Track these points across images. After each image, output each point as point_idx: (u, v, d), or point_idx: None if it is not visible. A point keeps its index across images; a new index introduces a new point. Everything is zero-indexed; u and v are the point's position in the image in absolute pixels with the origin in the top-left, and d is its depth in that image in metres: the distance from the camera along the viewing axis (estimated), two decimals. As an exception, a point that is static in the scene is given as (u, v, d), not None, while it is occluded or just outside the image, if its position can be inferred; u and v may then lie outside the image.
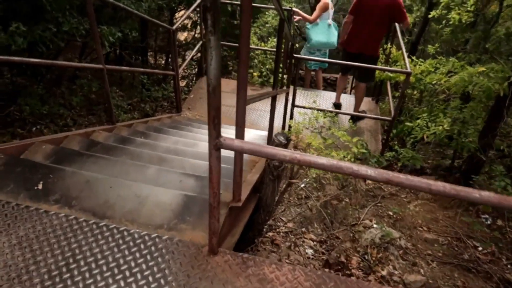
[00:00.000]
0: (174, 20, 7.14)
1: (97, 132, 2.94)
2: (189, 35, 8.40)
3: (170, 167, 2.38)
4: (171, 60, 5.66)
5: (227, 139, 1.17)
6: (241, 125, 1.47)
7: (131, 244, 1.50)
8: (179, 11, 7.29)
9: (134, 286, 1.34)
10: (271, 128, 2.70)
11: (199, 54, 6.25)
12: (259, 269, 1.44)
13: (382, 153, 4.28)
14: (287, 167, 2.70)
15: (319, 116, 3.95)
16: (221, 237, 1.58)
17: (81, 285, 1.32)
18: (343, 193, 3.49)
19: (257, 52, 6.40)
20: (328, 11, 5.72)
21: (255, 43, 6.54)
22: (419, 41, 6.75)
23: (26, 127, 4.17)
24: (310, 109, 4.18)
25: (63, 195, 1.76)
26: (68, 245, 1.47)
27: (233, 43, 6.49)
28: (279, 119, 4.35)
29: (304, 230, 3.06)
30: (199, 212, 1.71)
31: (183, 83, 7.94)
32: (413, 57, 5.04)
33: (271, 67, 6.32)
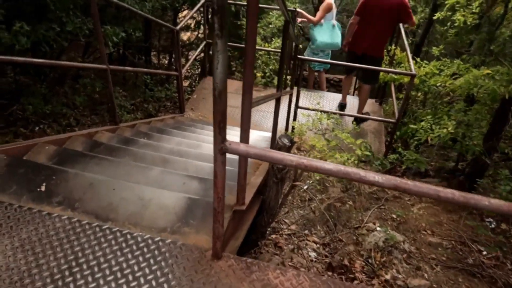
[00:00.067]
0: (177, 20, 7.14)
1: (100, 132, 2.94)
2: (192, 35, 8.39)
3: (173, 169, 2.37)
4: (175, 60, 5.66)
5: (232, 144, 1.16)
6: (246, 128, 1.45)
7: (134, 247, 1.49)
8: (183, 11, 7.28)
9: (137, 290, 1.33)
10: (275, 130, 2.69)
11: (202, 54, 6.23)
12: (263, 274, 1.42)
13: (385, 155, 4.26)
14: (291, 170, 2.69)
15: (323, 117, 3.93)
16: (224, 241, 1.57)
17: (83, 289, 1.31)
18: (347, 196, 3.47)
19: (260, 52, 6.39)
20: (331, 12, 5.70)
21: (258, 43, 6.52)
22: (423, 42, 6.72)
23: (29, 127, 4.16)
24: (314, 110, 4.16)
25: (66, 197, 1.75)
26: (70, 248, 1.46)
27: (236, 44, 6.47)
28: (282, 120, 4.33)
29: (307, 232, 3.04)
30: (203, 215, 1.70)
31: (186, 83, 7.94)
32: (417, 58, 5.02)
33: (275, 68, 6.30)
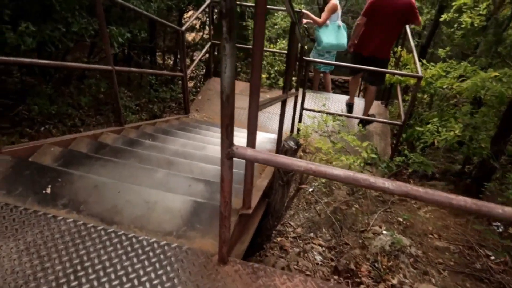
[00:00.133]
0: (182, 20, 7.13)
1: (105, 134, 2.93)
2: (197, 36, 8.39)
3: (178, 171, 2.36)
4: (180, 61, 5.65)
5: (240, 148, 1.14)
6: (253, 131, 1.44)
7: (140, 251, 1.48)
8: (188, 12, 7.28)
9: (142, 295, 1.31)
10: (281, 131, 2.66)
11: (207, 55, 6.23)
12: (270, 280, 1.41)
13: (391, 157, 4.22)
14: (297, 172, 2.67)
15: (328, 119, 3.90)
16: (231, 245, 1.55)
17: (89, 294, 1.30)
18: (353, 199, 3.45)
19: (265, 54, 6.37)
20: (337, 12, 5.67)
21: (264, 45, 6.49)
22: (429, 44, 6.68)
23: (34, 127, 4.17)
24: (319, 112, 4.13)
25: (71, 200, 1.74)
26: (76, 252, 1.45)
27: (241, 45, 6.45)
28: (287, 121, 4.30)
29: (312, 235, 3.02)
30: (209, 219, 1.68)
31: (191, 84, 7.93)
32: (423, 60, 4.98)
33: (280, 69, 6.28)
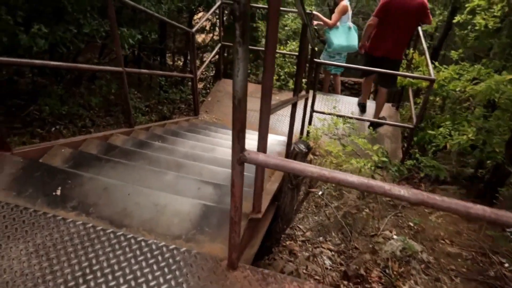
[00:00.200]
0: (193, 22, 7.15)
1: (115, 135, 2.93)
2: (207, 37, 8.40)
3: (188, 174, 2.35)
4: (190, 62, 5.66)
5: (251, 153, 1.12)
6: (264, 136, 1.42)
7: (148, 255, 1.47)
8: (198, 13, 7.29)
9: (151, 301, 1.30)
10: (291, 134, 2.64)
11: (217, 56, 6.23)
12: (280, 287, 1.38)
13: (402, 161, 4.16)
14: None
15: (339, 122, 3.86)
16: (240, 250, 1.53)
17: (97, 298, 1.29)
18: (363, 203, 3.41)
19: (275, 55, 6.33)
20: (347, 14, 5.63)
21: (276, 47, 6.46)
22: (441, 46, 6.59)
23: (45, 127, 4.20)
24: (329, 114, 4.09)
25: (81, 202, 1.73)
26: (85, 255, 1.45)
27: (251, 46, 6.44)
28: (297, 124, 4.27)
29: (321, 239, 2.99)
30: (218, 223, 1.66)
31: (201, 85, 7.94)
32: (435, 62, 4.91)
33: (289, 70, 6.25)
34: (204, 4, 6.43)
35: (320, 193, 3.45)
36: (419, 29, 4.68)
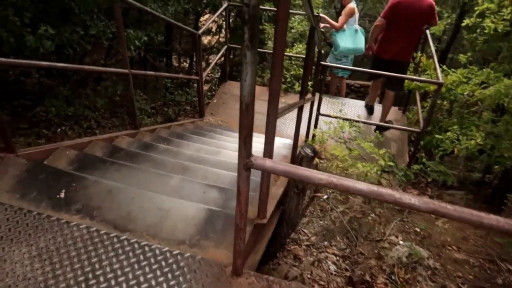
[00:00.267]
0: (199, 23, 7.14)
1: (120, 137, 2.93)
2: (213, 39, 8.40)
3: (193, 177, 2.33)
4: (196, 64, 5.65)
5: (258, 159, 1.10)
6: (271, 141, 1.39)
7: (152, 260, 1.45)
8: (204, 15, 7.30)
9: (154, 307, 1.28)
10: (297, 137, 2.61)
11: (222, 58, 6.22)
12: (285, 294, 1.36)
13: (409, 165, 4.12)
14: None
15: (345, 125, 3.83)
16: (245, 256, 1.51)
17: (100, 304, 1.28)
18: (369, 208, 3.37)
19: (282, 58, 6.31)
20: (354, 16, 5.59)
21: (284, 50, 6.44)
22: (449, 49, 6.53)
23: (51, 128, 4.21)
24: (336, 118, 4.06)
25: (85, 205, 1.72)
26: (88, 259, 1.43)
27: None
28: (303, 127, 4.24)
29: (326, 244, 2.95)
30: (223, 228, 1.64)
31: (206, 87, 7.94)
32: (443, 66, 4.86)
33: (295, 73, 6.22)
34: (210, 6, 6.43)
35: (325, 197, 3.42)
36: (427, 32, 4.64)
